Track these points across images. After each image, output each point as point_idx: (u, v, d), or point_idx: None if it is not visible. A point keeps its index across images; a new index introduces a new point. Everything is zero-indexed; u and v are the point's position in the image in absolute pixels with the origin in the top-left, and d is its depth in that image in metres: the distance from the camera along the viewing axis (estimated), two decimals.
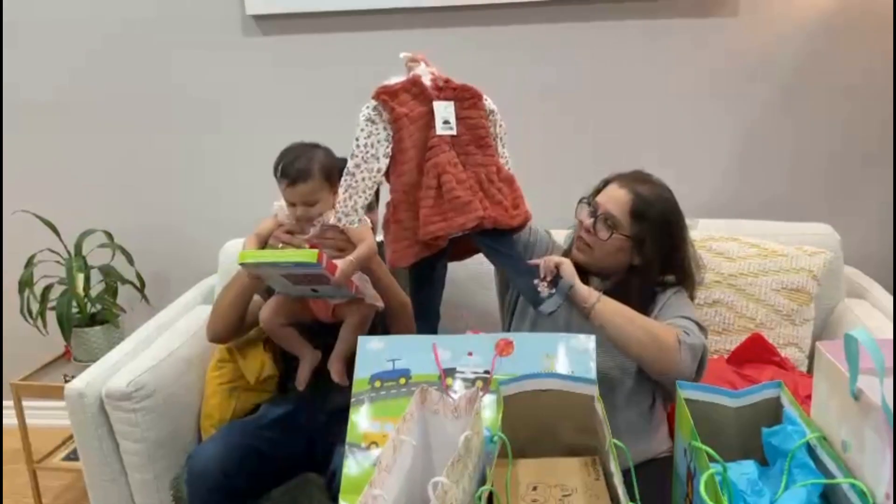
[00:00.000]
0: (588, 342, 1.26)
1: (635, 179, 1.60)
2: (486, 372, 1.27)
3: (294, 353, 1.80)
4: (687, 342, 1.43)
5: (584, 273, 1.65)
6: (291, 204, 1.69)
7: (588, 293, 1.45)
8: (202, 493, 1.67)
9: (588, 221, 1.59)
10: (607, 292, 1.57)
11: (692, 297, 1.68)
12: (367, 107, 1.49)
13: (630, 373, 1.58)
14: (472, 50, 2.34)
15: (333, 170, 1.71)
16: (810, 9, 2.20)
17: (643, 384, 1.61)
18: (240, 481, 1.69)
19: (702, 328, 1.54)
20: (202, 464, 1.67)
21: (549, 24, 2.29)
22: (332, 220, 1.63)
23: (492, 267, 1.84)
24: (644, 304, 1.57)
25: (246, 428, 1.79)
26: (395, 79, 1.52)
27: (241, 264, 1.60)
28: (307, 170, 1.68)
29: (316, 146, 1.76)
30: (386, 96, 1.48)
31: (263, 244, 1.72)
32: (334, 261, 1.57)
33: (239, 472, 1.69)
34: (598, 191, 1.65)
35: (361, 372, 1.28)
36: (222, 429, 1.82)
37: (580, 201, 1.66)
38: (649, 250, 1.56)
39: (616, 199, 1.57)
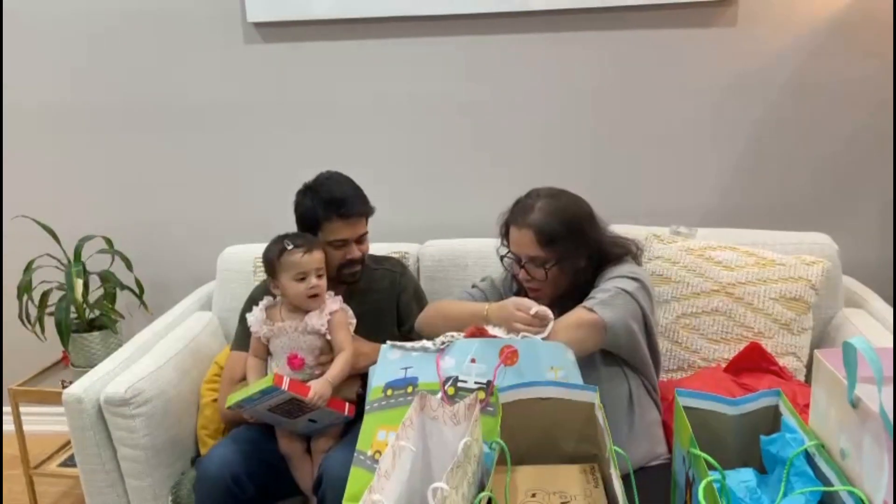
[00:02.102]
0: (568, 352, 1.29)
1: (523, 212, 1.63)
2: (489, 382, 1.25)
3: (295, 478, 1.80)
4: (594, 304, 1.50)
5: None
6: (301, 279, 1.73)
7: None
8: (212, 497, 1.66)
9: (522, 273, 1.65)
10: (560, 307, 1.63)
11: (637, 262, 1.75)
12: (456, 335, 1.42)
13: (598, 375, 1.59)
14: (473, 57, 2.35)
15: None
16: (808, 19, 2.21)
17: (615, 381, 1.62)
18: (248, 487, 1.68)
19: (631, 278, 1.59)
20: (212, 468, 1.67)
21: (551, 33, 2.30)
22: (313, 322, 1.73)
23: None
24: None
25: (254, 435, 1.79)
26: (498, 332, 1.43)
27: (228, 408, 1.68)
28: (316, 238, 1.80)
29: None
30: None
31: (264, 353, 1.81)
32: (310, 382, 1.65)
33: (248, 477, 1.68)
34: (504, 238, 1.71)
35: (378, 380, 1.29)
36: (232, 433, 1.82)
37: (502, 258, 1.73)
38: (575, 259, 1.63)
39: (524, 242, 1.62)
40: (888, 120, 2.25)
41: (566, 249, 1.60)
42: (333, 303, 1.80)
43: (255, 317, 1.79)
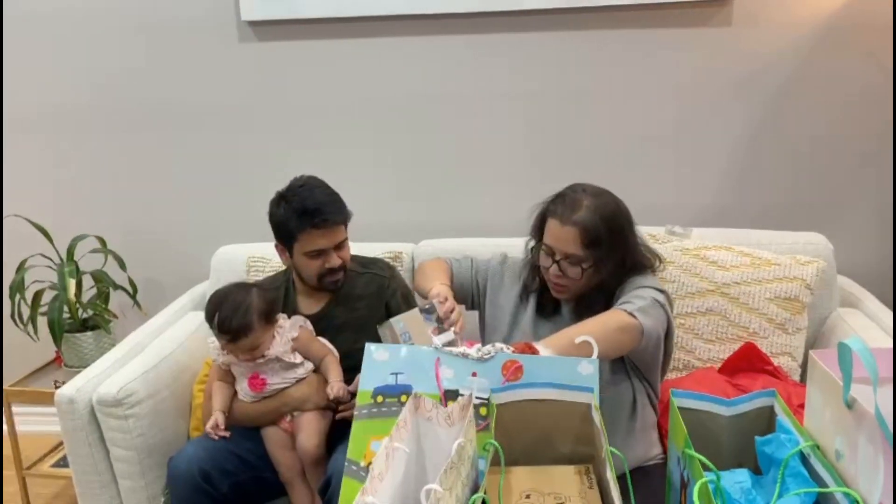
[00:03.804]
0: (590, 367, 1.19)
1: (571, 208, 1.58)
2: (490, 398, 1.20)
3: (284, 483, 1.80)
4: (635, 308, 1.47)
5: (556, 304, 1.70)
6: (232, 351, 1.72)
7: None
8: (182, 494, 1.66)
9: (553, 269, 1.60)
10: (576, 303, 1.64)
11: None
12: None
13: (603, 379, 1.57)
14: (467, 56, 2.34)
15: (271, 307, 1.74)
16: (803, 19, 2.21)
17: (620, 383, 1.61)
18: (221, 485, 1.68)
19: (659, 290, 1.57)
20: (182, 464, 1.67)
21: (545, 32, 2.29)
22: (275, 350, 1.73)
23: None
24: (607, 306, 1.59)
25: (231, 433, 1.77)
26: (547, 353, 1.39)
27: None
28: (247, 324, 1.68)
29: (248, 288, 1.75)
30: None
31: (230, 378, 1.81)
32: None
33: (219, 475, 1.68)
34: (538, 228, 1.66)
35: (366, 384, 1.23)
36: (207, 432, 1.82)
37: (532, 247, 1.69)
38: (610, 262, 1.59)
39: (565, 239, 1.57)
40: (883, 120, 2.25)
41: (606, 252, 1.57)
42: (291, 329, 1.77)
43: (215, 345, 1.78)
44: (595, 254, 1.56)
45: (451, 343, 1.38)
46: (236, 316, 1.66)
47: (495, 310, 1.78)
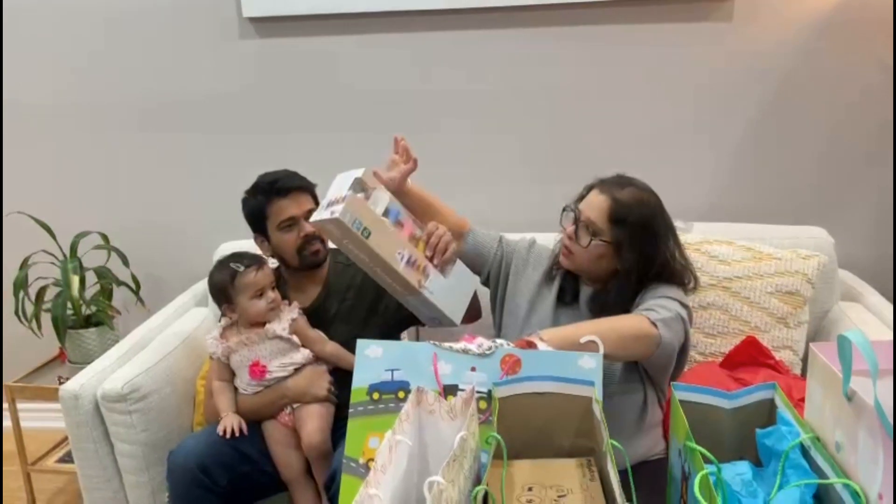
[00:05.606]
0: (592, 361, 1.19)
1: (616, 184, 1.61)
2: (490, 392, 1.19)
3: (286, 482, 1.81)
4: (658, 318, 1.44)
5: (575, 277, 1.69)
6: (259, 295, 1.76)
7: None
8: (181, 487, 1.67)
9: (570, 228, 1.62)
10: (592, 296, 1.63)
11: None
12: None
13: (615, 377, 1.58)
14: (465, 53, 2.35)
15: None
16: (804, 14, 2.21)
17: (632, 386, 1.61)
18: (220, 478, 1.69)
19: (683, 305, 1.54)
20: (181, 458, 1.68)
21: (544, 27, 2.29)
22: (274, 328, 1.77)
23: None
24: (625, 306, 1.57)
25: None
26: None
27: None
28: (260, 256, 1.84)
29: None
30: None
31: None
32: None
33: (218, 468, 1.68)
34: (581, 197, 1.66)
35: (359, 381, 1.23)
36: (207, 427, 1.82)
37: (564, 209, 1.67)
38: (628, 254, 1.57)
39: (596, 206, 1.59)
40: (884, 114, 2.25)
41: (628, 240, 1.55)
42: (292, 311, 1.81)
43: (213, 337, 1.81)
44: (614, 234, 1.55)
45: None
46: (248, 253, 1.83)
47: (515, 294, 1.76)
